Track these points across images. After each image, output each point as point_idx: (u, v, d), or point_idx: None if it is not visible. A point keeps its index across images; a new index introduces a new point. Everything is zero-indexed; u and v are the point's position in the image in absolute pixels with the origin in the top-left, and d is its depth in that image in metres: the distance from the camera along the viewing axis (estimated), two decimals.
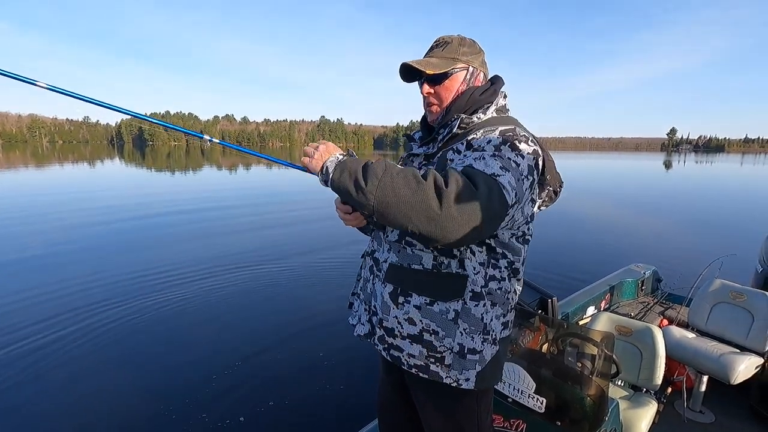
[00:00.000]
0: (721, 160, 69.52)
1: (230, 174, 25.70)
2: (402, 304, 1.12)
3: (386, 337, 1.16)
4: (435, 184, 0.87)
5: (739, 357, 2.36)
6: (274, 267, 6.02)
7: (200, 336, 3.93)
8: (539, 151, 1.06)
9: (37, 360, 3.44)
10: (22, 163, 32.34)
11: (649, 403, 2.05)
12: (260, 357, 3.55)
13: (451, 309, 1.08)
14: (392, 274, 1.15)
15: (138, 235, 7.97)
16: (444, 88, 1.16)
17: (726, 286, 2.71)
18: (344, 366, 3.41)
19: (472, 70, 1.17)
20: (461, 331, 1.08)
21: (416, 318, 1.10)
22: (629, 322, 2.25)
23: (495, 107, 1.15)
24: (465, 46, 1.16)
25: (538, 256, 6.54)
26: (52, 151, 68.06)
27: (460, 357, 1.09)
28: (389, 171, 0.91)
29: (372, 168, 0.93)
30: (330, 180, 0.99)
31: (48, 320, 4.13)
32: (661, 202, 15.20)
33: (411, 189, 0.87)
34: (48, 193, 14.17)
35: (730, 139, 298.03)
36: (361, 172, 0.93)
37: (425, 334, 1.10)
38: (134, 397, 3.01)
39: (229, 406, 2.91)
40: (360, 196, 0.92)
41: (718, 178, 28.59)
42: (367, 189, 0.90)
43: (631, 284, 3.63)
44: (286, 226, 8.94)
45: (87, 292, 4.89)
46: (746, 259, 3.80)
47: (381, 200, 0.89)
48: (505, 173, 0.93)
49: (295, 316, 4.38)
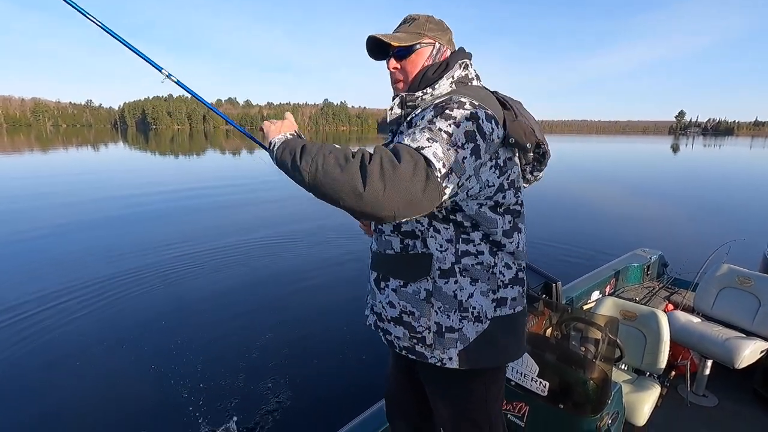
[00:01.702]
0: (729, 144, 68.53)
1: (234, 157, 25.63)
2: (383, 288, 1.17)
3: (378, 322, 1.21)
4: (361, 162, 0.88)
5: (744, 341, 2.35)
6: (289, 253, 6.05)
7: (207, 323, 3.98)
8: (481, 113, 0.98)
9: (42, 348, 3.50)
10: (27, 147, 32.42)
11: (652, 387, 2.05)
12: (271, 339, 3.60)
13: (422, 289, 1.10)
14: (375, 261, 1.22)
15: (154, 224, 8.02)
16: (410, 62, 1.14)
17: (733, 270, 2.68)
18: (354, 352, 3.44)
19: (438, 46, 1.15)
20: (435, 310, 1.09)
21: (395, 301, 1.14)
22: (634, 306, 2.24)
23: (450, 80, 1.11)
24: (432, 23, 1.15)
25: (544, 240, 6.53)
26: (56, 134, 68.20)
27: (439, 336, 1.10)
28: (323, 150, 0.93)
29: (308, 147, 0.96)
30: (274, 156, 1.04)
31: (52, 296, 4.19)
32: (668, 186, 15.06)
33: (339, 167, 0.89)
34: (48, 177, 14.22)
35: (739, 122, 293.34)
36: (299, 150, 0.96)
37: (404, 315, 1.13)
38: (150, 385, 3.06)
39: (240, 387, 2.95)
40: (296, 174, 0.96)
41: (727, 162, 28.23)
42: (301, 166, 0.93)
43: (637, 269, 3.60)
44: (295, 218, 8.93)
45: (94, 272, 4.95)
46: (754, 244, 3.76)
47: (313, 178, 0.92)
48: (431, 144, 0.91)
49: (309, 303, 4.42)
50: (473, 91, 1.08)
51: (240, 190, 11.94)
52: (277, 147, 1.03)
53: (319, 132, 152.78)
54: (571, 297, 2.94)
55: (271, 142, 1.06)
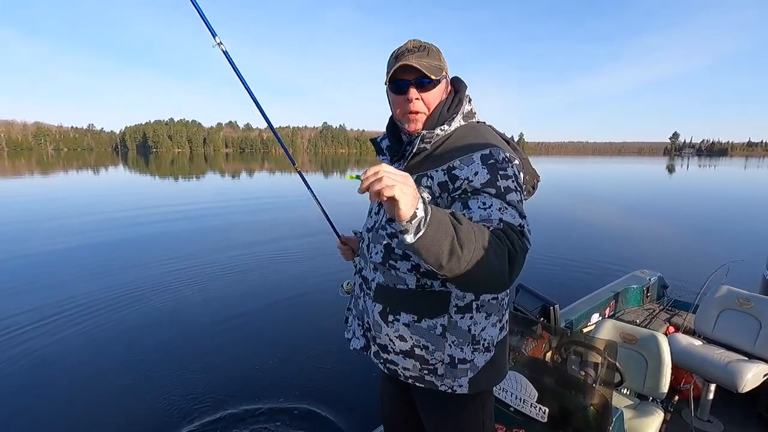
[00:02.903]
0: (724, 164, 69.27)
1: (233, 180, 25.78)
2: (392, 322, 1.14)
3: (381, 353, 1.20)
4: (509, 250, 0.85)
5: (746, 365, 2.32)
6: (278, 276, 6.01)
7: (201, 343, 3.92)
8: (516, 157, 1.08)
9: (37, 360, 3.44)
10: (27, 170, 32.60)
11: (655, 412, 2.01)
12: (260, 365, 3.53)
13: (438, 324, 1.10)
14: (380, 294, 1.17)
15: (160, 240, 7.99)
16: (432, 95, 1.09)
17: (732, 292, 2.67)
18: (343, 375, 3.38)
19: (448, 78, 1.16)
20: (450, 344, 1.11)
21: (406, 335, 1.13)
22: (634, 329, 2.22)
23: (461, 116, 1.14)
24: (441, 54, 1.12)
25: (542, 262, 6.50)
26: (57, 158, 68.62)
27: (451, 367, 1.12)
28: (480, 236, 0.81)
29: (463, 229, 0.79)
30: (420, 235, 0.76)
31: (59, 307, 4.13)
32: (665, 207, 15.12)
33: (499, 260, 0.81)
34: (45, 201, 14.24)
35: (733, 143, 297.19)
36: (455, 232, 0.78)
37: (416, 349, 1.12)
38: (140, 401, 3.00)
39: (232, 414, 2.88)
40: (452, 262, 0.78)
41: (723, 183, 28.46)
42: (463, 257, 0.77)
43: (637, 291, 3.58)
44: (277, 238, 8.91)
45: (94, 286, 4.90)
46: (753, 264, 3.75)
47: (470, 270, 0.79)
48: (519, 209, 0.96)
49: (294, 326, 4.36)
50: (491, 134, 1.13)
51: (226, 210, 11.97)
52: (426, 222, 0.76)
53: (318, 155, 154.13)
54: (570, 320, 2.92)
55: (415, 214, 0.75)
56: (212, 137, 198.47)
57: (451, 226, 0.78)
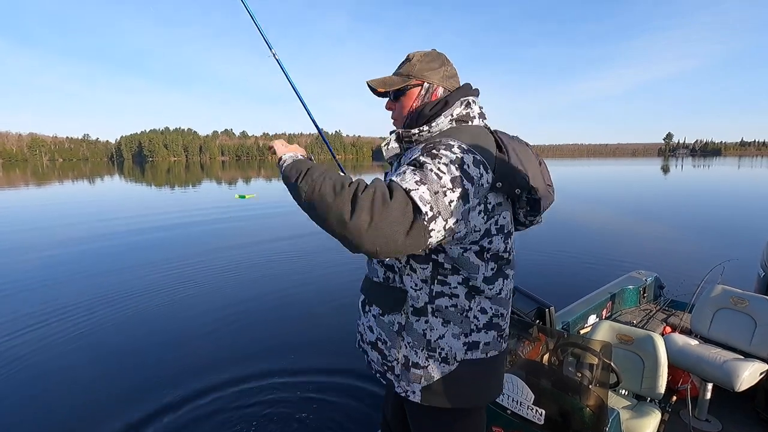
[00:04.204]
0: (718, 164, 69.70)
1: (230, 187, 25.74)
2: (366, 312, 1.22)
3: (360, 342, 1.28)
4: (354, 191, 0.89)
5: (743, 363, 2.33)
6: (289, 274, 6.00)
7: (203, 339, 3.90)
8: (469, 158, 0.98)
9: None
10: (21, 182, 32.44)
11: (652, 413, 2.01)
12: (268, 360, 3.54)
13: (395, 321, 1.13)
14: (364, 285, 1.27)
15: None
16: (400, 104, 1.21)
17: (727, 291, 2.69)
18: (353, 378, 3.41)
19: (427, 86, 1.17)
20: (406, 344, 1.12)
21: (373, 326, 1.19)
22: (630, 330, 2.22)
23: (448, 118, 1.12)
24: (423, 63, 1.17)
25: (537, 264, 6.51)
26: (52, 169, 68.42)
27: (405, 369, 1.13)
28: (325, 174, 0.96)
29: (312, 169, 0.99)
30: (281, 169, 1.08)
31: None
32: (659, 207, 15.19)
33: (334, 192, 0.90)
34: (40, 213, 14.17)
35: (726, 143, 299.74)
36: (304, 170, 0.99)
37: (379, 342, 1.18)
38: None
39: (235, 412, 2.88)
40: (294, 191, 0.99)
41: (717, 182, 28.63)
42: (300, 185, 0.96)
43: (633, 292, 3.60)
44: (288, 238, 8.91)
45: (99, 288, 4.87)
46: (748, 263, 3.77)
47: (309, 198, 0.93)
48: (418, 186, 0.90)
49: (306, 324, 4.44)
50: (467, 132, 1.08)
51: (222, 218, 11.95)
52: (286, 164, 1.07)
53: (315, 161, 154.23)
54: (567, 321, 2.92)
55: (281, 158, 1.12)
56: (208, 145, 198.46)
57: (305, 166, 1.00)
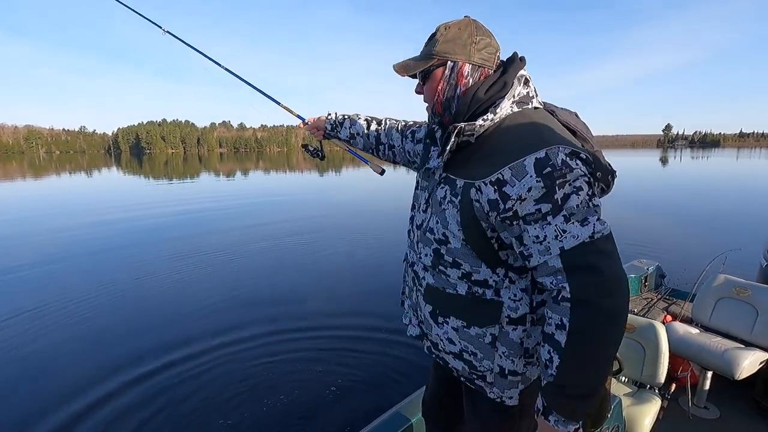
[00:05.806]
0: (717, 155, 69.74)
1: (228, 180, 25.65)
2: (441, 324, 1.12)
3: (433, 349, 1.22)
4: (599, 308, 0.85)
5: (743, 352, 2.35)
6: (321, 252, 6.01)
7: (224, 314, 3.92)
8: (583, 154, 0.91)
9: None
10: (19, 174, 32.26)
11: (652, 400, 2.04)
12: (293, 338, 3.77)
13: (487, 333, 1.05)
14: (430, 295, 1.14)
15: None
16: (427, 88, 1.06)
17: (729, 281, 2.70)
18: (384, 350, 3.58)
19: (451, 65, 0.99)
20: (500, 354, 1.06)
21: (455, 339, 1.10)
22: (632, 318, 2.24)
23: (510, 101, 0.98)
24: (446, 38, 0.99)
25: None
26: (49, 161, 68.03)
27: (501, 377, 1.08)
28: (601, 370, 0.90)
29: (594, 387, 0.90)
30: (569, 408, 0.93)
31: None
32: (660, 198, 15.22)
33: (615, 343, 0.89)
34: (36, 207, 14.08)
35: (725, 134, 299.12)
36: (592, 395, 0.91)
37: (464, 353, 1.10)
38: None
39: (259, 384, 3.07)
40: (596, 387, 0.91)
41: (717, 173, 28.64)
42: (596, 396, 0.91)
43: (634, 280, 3.62)
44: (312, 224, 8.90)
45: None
46: (750, 253, 3.79)
47: (605, 366, 0.91)
48: (583, 214, 0.87)
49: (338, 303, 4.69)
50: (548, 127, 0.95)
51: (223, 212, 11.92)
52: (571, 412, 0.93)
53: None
54: None
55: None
56: (206, 137, 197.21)
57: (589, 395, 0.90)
